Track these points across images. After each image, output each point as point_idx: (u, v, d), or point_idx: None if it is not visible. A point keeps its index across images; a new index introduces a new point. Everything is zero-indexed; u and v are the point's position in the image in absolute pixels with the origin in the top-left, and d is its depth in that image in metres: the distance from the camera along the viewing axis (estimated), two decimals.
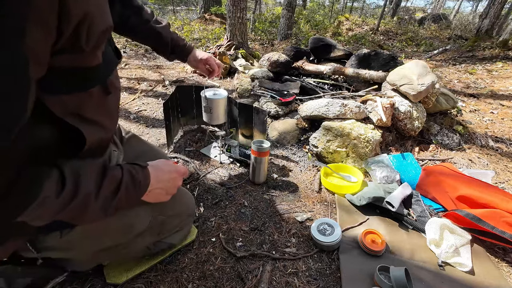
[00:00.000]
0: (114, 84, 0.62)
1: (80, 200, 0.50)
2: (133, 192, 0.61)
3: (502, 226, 1.00)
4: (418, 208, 1.22)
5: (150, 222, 0.79)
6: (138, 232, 0.78)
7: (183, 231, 0.95)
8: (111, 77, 0.59)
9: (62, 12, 0.40)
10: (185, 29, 5.96)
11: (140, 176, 0.62)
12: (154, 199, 0.70)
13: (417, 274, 0.93)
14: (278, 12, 8.13)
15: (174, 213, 0.88)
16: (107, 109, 0.61)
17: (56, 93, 0.48)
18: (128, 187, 0.58)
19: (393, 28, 7.71)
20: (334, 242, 0.99)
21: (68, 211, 0.50)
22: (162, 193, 0.71)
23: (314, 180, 1.42)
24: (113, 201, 0.56)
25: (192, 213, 0.99)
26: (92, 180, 0.52)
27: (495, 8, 5.76)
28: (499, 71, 3.74)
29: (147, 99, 2.39)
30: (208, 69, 1.20)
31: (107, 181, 0.55)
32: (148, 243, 0.84)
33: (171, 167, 0.73)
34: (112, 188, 0.56)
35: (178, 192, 0.92)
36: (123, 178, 0.58)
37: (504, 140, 1.93)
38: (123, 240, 0.77)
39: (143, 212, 0.78)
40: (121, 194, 0.57)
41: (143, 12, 0.95)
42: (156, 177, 0.67)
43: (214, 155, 1.58)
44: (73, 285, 0.84)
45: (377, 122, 1.62)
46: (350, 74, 2.07)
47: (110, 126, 0.64)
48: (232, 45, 3.55)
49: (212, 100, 1.35)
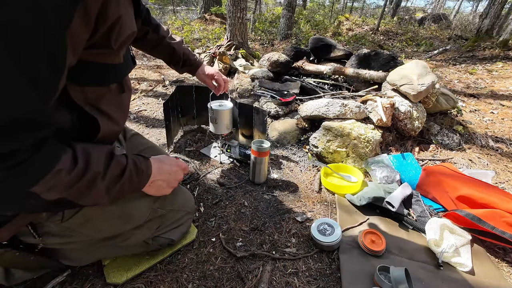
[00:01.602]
0: (128, 84, 0.68)
1: (88, 178, 0.53)
2: (136, 180, 0.64)
3: (502, 226, 1.00)
4: (418, 208, 1.22)
5: (150, 214, 0.81)
6: (137, 223, 0.79)
7: (182, 227, 0.96)
8: (126, 78, 0.66)
9: (102, 11, 0.46)
10: (185, 29, 5.96)
11: (143, 165, 0.66)
12: (156, 191, 0.74)
13: (417, 274, 0.93)
14: (278, 12, 8.13)
15: (174, 208, 0.90)
16: (121, 105, 0.66)
17: (81, 84, 0.53)
18: (131, 174, 0.62)
19: (393, 28, 7.71)
20: (334, 242, 0.99)
21: (76, 188, 0.52)
22: (164, 185, 0.74)
23: (314, 180, 1.42)
24: (117, 184, 0.59)
25: (191, 210, 1.00)
26: (101, 161, 0.56)
27: (495, 8, 5.76)
28: (499, 71, 3.74)
29: (147, 99, 2.39)
30: (215, 84, 1.26)
31: (114, 164, 0.58)
32: (146, 237, 0.85)
33: (172, 161, 0.76)
34: (117, 172, 0.59)
35: (179, 189, 0.94)
36: (127, 165, 0.61)
37: (504, 140, 1.93)
38: (122, 230, 0.78)
39: (143, 204, 0.80)
40: (125, 179, 0.60)
41: (160, 29, 1.04)
42: (158, 168, 0.70)
43: (214, 155, 1.58)
44: (73, 285, 0.84)
45: (377, 122, 1.62)
46: (350, 74, 2.07)
47: (121, 121, 0.68)
48: (232, 45, 3.55)
49: (218, 111, 1.38)
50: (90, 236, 0.75)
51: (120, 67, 0.60)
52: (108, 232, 0.77)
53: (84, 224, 0.70)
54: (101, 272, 0.87)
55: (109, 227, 0.76)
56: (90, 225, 0.72)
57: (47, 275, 0.85)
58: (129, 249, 0.89)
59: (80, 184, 0.52)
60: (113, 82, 0.60)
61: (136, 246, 0.87)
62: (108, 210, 0.73)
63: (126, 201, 0.75)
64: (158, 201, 0.84)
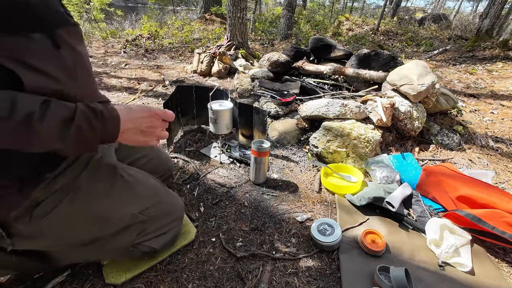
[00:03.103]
0: (68, 42, 0.61)
1: (19, 119, 0.49)
2: (99, 124, 0.58)
3: (502, 226, 1.00)
4: (418, 208, 1.22)
5: (130, 220, 0.78)
6: (115, 228, 0.76)
7: (166, 235, 0.90)
8: (60, 32, 0.59)
9: None
10: (185, 29, 5.97)
11: (101, 107, 0.60)
12: (131, 141, 0.68)
13: (417, 274, 0.93)
14: (278, 12, 8.13)
15: (157, 214, 0.85)
16: (61, 64, 0.60)
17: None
18: (87, 116, 0.57)
19: (393, 28, 7.71)
20: (334, 242, 0.99)
21: (11, 134, 0.49)
22: (138, 134, 0.68)
23: (314, 180, 1.42)
24: (71, 127, 0.54)
25: (179, 217, 0.95)
26: (35, 101, 0.51)
27: (495, 8, 5.76)
28: (499, 71, 3.74)
29: (147, 99, 2.39)
30: None
31: (55, 104, 0.54)
32: (127, 244, 0.82)
33: (144, 107, 0.70)
34: (63, 112, 0.54)
35: (165, 193, 0.90)
36: (77, 106, 0.56)
37: (504, 140, 1.93)
38: (100, 234, 0.75)
39: (122, 208, 0.77)
40: (79, 121, 0.55)
41: None
42: (127, 114, 0.65)
43: (214, 155, 1.58)
44: (73, 285, 0.84)
45: (377, 122, 1.62)
46: (350, 74, 2.07)
47: (70, 83, 0.61)
48: (232, 45, 3.55)
49: (218, 111, 1.38)
50: (65, 240, 0.73)
51: (37, 11, 0.54)
52: (84, 236, 0.74)
53: (55, 226, 0.68)
54: (101, 272, 0.87)
55: (83, 231, 0.73)
56: (62, 228, 0.69)
57: (47, 275, 0.85)
58: (113, 254, 0.86)
59: (12, 127, 0.48)
60: (32, 32, 0.53)
61: (119, 251, 0.84)
62: (80, 213, 0.69)
63: (101, 202, 0.73)
64: (140, 204, 0.80)
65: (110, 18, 8.07)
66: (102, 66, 3.38)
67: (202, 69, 3.09)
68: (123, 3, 23.08)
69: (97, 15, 7.14)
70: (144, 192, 0.84)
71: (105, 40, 5.19)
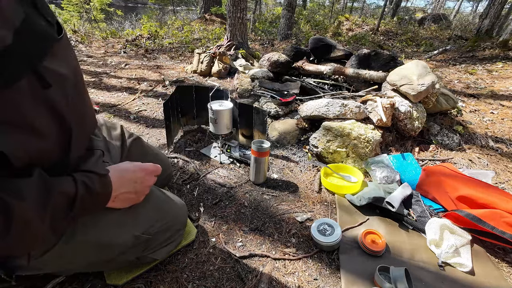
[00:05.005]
0: (57, 70, 0.45)
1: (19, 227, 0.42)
2: (92, 205, 0.56)
3: (502, 226, 1.00)
4: (418, 208, 1.22)
5: (133, 242, 0.75)
6: (118, 252, 0.74)
7: (170, 246, 0.89)
8: (45, 63, 0.42)
9: None
10: (185, 29, 5.97)
11: (97, 186, 0.56)
12: (124, 204, 0.67)
13: (417, 274, 0.93)
14: (278, 12, 8.13)
15: (162, 229, 0.83)
16: (49, 108, 0.45)
17: None
18: (84, 201, 0.52)
19: (393, 28, 7.71)
20: (334, 243, 0.99)
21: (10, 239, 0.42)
22: (131, 196, 0.67)
23: (314, 180, 1.42)
24: (65, 219, 0.50)
25: (182, 226, 0.94)
26: (33, 200, 0.44)
27: (495, 8, 5.76)
28: (499, 71, 3.74)
29: (147, 99, 2.39)
30: None
31: (55, 198, 0.47)
32: (132, 259, 0.81)
33: (136, 167, 0.69)
34: (62, 205, 0.49)
35: (168, 202, 0.89)
36: (77, 192, 0.51)
37: (504, 140, 1.93)
38: (104, 258, 0.74)
39: (125, 233, 0.73)
40: (77, 210, 0.51)
41: None
42: (120, 179, 0.63)
43: (214, 155, 1.58)
44: (73, 285, 0.84)
45: (377, 122, 1.62)
46: (350, 74, 2.07)
47: (56, 133, 0.48)
48: (232, 45, 3.55)
49: (218, 111, 1.38)
50: (68, 267, 0.71)
51: (20, 47, 0.39)
52: (87, 261, 0.73)
53: (56, 260, 0.65)
54: (101, 273, 0.87)
55: (87, 259, 0.71)
56: (63, 260, 0.67)
57: (47, 275, 0.85)
58: (116, 267, 0.86)
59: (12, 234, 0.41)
60: (18, 79, 0.39)
61: (122, 265, 0.85)
62: (81, 244, 0.66)
63: (105, 232, 0.69)
64: (142, 226, 0.76)
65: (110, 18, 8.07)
66: (102, 66, 3.38)
67: (202, 69, 3.09)
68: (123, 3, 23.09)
69: (97, 15, 7.14)
70: (146, 211, 0.80)
71: (105, 40, 5.19)
